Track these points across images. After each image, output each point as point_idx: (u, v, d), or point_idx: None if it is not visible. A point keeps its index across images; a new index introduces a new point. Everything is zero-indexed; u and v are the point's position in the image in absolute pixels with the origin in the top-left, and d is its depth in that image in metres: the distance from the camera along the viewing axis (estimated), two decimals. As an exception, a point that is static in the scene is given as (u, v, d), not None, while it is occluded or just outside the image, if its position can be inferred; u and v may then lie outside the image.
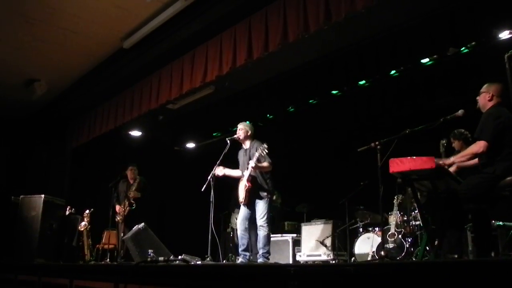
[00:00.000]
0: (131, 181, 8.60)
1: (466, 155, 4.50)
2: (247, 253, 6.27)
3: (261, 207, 6.17)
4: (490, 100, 4.54)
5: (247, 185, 6.17)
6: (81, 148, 10.56)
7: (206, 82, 7.32)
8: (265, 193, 6.22)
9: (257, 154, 6.13)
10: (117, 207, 8.41)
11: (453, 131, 5.99)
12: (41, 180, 10.45)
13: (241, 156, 6.56)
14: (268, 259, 6.14)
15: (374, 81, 8.42)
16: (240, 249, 6.34)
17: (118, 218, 8.39)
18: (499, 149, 4.29)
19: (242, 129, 6.52)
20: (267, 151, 6.14)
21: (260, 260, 6.10)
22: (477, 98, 4.69)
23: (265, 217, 6.12)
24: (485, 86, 4.65)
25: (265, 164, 6.21)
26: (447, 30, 6.68)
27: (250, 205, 6.29)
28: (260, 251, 6.12)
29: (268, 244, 6.13)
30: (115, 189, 8.53)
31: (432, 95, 7.98)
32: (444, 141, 5.99)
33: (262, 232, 6.12)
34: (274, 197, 8.92)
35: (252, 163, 6.13)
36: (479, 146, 4.34)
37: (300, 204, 8.97)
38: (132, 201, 8.26)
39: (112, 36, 7.83)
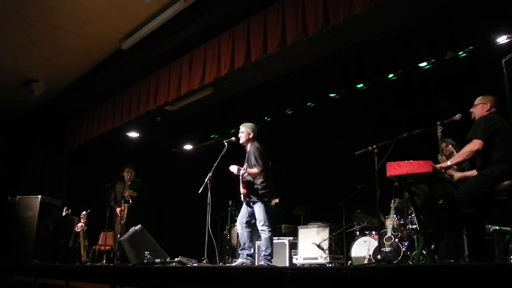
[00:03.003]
0: (128, 183, 8.55)
1: (462, 154, 4.52)
2: (245, 252, 6.24)
3: (258, 211, 6.09)
4: (488, 111, 4.61)
5: (243, 191, 6.14)
6: (79, 149, 10.55)
7: (204, 84, 7.31)
8: (260, 195, 6.11)
9: (253, 160, 6.09)
10: (117, 209, 8.36)
11: (448, 139, 6.03)
12: (38, 180, 10.43)
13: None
14: (270, 261, 6.09)
15: (372, 85, 8.42)
16: (239, 248, 6.32)
17: (119, 220, 8.28)
18: (493, 150, 4.35)
19: (243, 132, 6.35)
20: (258, 153, 6.13)
21: (261, 262, 6.09)
22: (472, 110, 4.73)
23: (263, 220, 6.03)
24: (480, 98, 4.71)
25: (253, 170, 6.10)
26: (445, 34, 6.70)
27: (249, 205, 6.25)
28: (262, 253, 6.10)
29: (269, 247, 6.06)
30: (112, 190, 8.51)
31: (430, 99, 7.98)
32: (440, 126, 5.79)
33: (263, 235, 6.07)
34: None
35: (242, 171, 6.06)
36: (474, 144, 4.40)
37: (297, 207, 8.96)
38: (127, 198, 8.24)
39: (111, 37, 7.83)
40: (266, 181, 6.19)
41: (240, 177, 6.14)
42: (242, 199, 6.22)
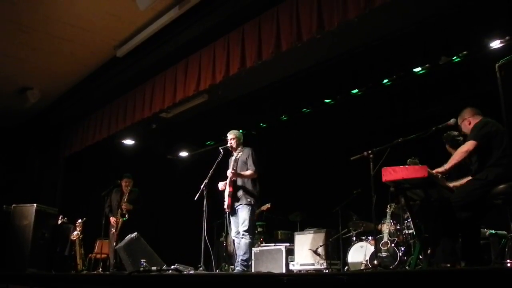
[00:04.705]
0: (125, 192, 8.51)
1: (455, 157, 4.54)
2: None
3: (243, 213, 6.10)
4: (470, 124, 4.70)
5: (229, 189, 6.15)
6: (74, 157, 10.52)
7: (200, 91, 7.32)
8: (249, 199, 6.17)
9: (244, 159, 6.17)
10: (112, 219, 8.25)
11: (444, 134, 5.98)
12: (34, 189, 10.39)
13: (231, 162, 6.51)
14: (247, 268, 6.07)
15: (366, 90, 8.44)
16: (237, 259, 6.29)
17: (113, 230, 8.19)
18: (488, 154, 4.39)
19: (234, 138, 6.53)
20: (253, 156, 6.22)
21: (238, 268, 6.02)
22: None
23: (247, 225, 6.05)
24: (458, 119, 4.83)
25: (247, 172, 6.22)
26: (439, 39, 6.73)
27: (234, 212, 6.26)
28: (239, 258, 6.04)
29: (248, 253, 6.05)
30: (108, 198, 8.46)
31: (424, 104, 8.02)
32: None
33: (243, 240, 6.04)
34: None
35: (229, 171, 6.16)
36: (468, 145, 4.46)
37: (293, 213, 8.95)
38: (124, 212, 8.20)
39: (106, 45, 7.83)
40: (257, 186, 6.30)
41: (228, 180, 6.16)
42: (226, 207, 6.20)
